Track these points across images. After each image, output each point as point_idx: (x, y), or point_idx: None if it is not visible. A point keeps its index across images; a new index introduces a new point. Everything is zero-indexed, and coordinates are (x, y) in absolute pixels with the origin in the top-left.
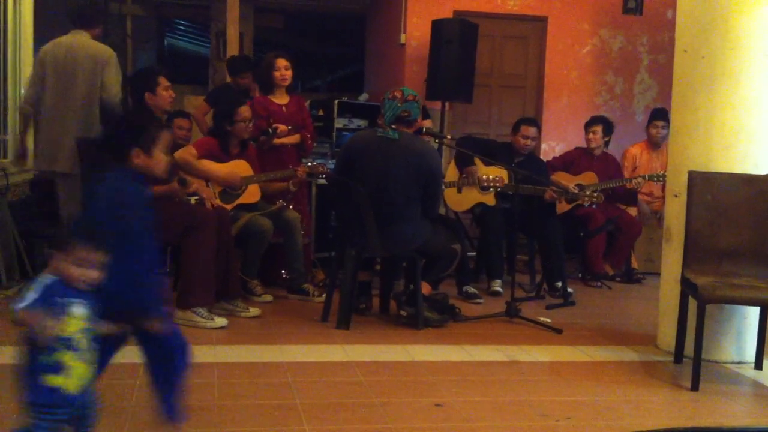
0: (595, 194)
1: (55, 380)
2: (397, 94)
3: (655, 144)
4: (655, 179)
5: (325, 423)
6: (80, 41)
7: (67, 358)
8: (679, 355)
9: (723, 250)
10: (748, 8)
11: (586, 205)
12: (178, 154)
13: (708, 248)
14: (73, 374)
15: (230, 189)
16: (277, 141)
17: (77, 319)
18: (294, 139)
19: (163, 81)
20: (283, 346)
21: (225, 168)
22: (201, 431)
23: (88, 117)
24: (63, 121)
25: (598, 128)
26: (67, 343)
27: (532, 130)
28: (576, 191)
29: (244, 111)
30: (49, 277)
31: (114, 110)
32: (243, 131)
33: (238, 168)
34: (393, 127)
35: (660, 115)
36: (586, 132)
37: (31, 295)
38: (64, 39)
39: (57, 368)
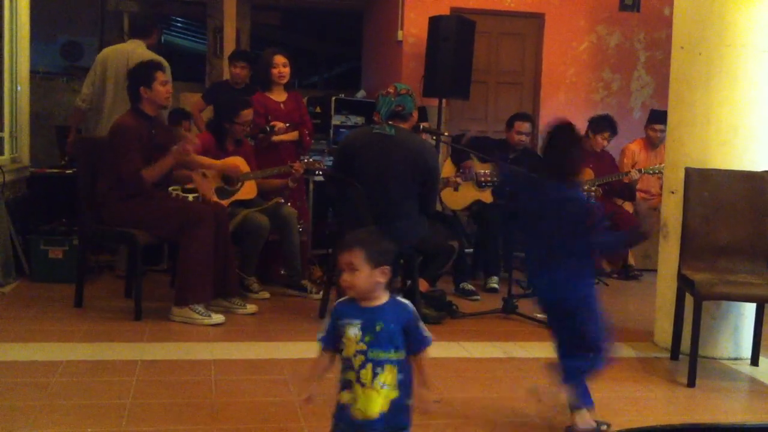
0: (593, 188)
1: (343, 397)
2: (391, 90)
3: (653, 144)
4: (651, 172)
5: (322, 419)
6: (137, 50)
7: (350, 377)
8: (675, 352)
9: (720, 247)
10: (745, 5)
11: None
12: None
13: (705, 245)
14: (356, 396)
15: (228, 185)
16: (275, 138)
17: (351, 340)
18: (292, 136)
19: (161, 76)
20: (280, 343)
21: (222, 162)
22: (199, 428)
23: None
24: None
25: (607, 134)
26: (348, 364)
27: (525, 126)
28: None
29: (247, 115)
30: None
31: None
32: (240, 132)
33: (235, 164)
34: (389, 123)
35: (659, 118)
36: (596, 132)
37: (327, 321)
38: (122, 47)
39: (346, 386)
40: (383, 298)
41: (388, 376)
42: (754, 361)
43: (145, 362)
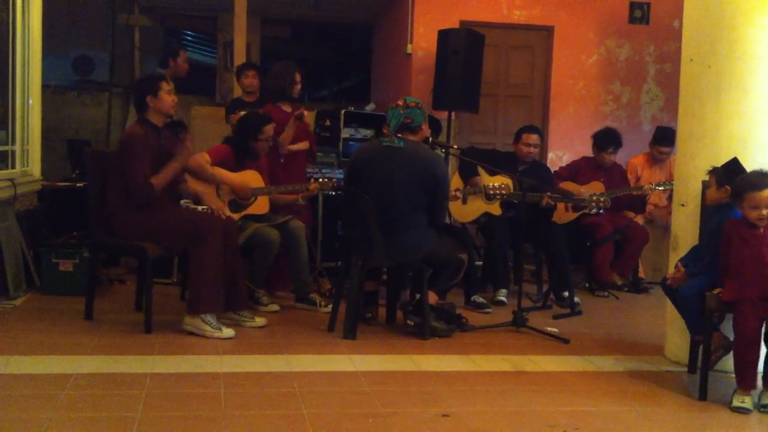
0: (602, 198)
1: None
2: (400, 102)
3: (656, 161)
4: (662, 187)
5: None
6: None
7: None
8: (693, 365)
9: None
10: (755, 17)
11: (593, 212)
12: (194, 158)
13: None
14: None
15: (240, 199)
16: (293, 148)
17: None
18: (304, 145)
19: (166, 86)
20: (289, 356)
21: (237, 177)
22: None
23: None
24: None
25: (611, 148)
26: None
27: (533, 138)
28: (583, 197)
29: (269, 130)
30: None
31: None
32: (263, 149)
33: (250, 178)
34: (398, 135)
35: (664, 139)
36: (601, 150)
37: None
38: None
39: None
40: None
41: None
42: None
43: (154, 375)
